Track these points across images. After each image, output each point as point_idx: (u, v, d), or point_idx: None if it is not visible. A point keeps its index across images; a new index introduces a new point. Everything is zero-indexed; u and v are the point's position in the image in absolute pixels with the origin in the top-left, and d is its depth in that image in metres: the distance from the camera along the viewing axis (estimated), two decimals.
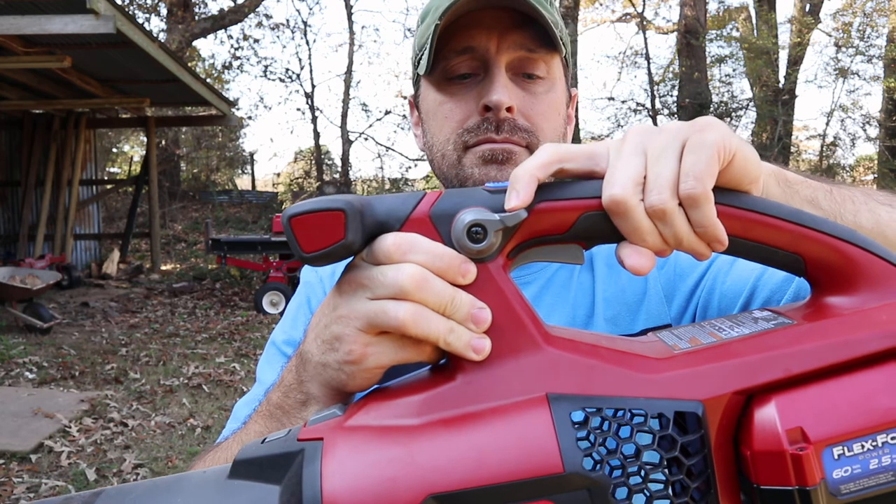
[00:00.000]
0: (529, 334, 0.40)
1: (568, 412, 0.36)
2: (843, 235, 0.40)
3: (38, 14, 5.56)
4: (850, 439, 0.35)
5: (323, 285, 0.86)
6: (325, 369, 0.44)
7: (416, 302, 0.39)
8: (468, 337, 0.39)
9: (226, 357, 5.48)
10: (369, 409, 0.39)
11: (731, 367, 0.37)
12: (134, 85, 8.59)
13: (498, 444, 0.36)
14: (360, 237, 0.40)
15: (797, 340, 0.38)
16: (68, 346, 5.70)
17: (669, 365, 0.38)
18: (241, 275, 8.98)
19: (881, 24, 13.06)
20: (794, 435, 0.35)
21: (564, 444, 0.35)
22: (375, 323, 0.40)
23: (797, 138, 14.45)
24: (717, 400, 0.37)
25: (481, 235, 0.40)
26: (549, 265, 0.81)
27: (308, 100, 16.70)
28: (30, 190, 9.16)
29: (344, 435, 0.37)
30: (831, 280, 0.41)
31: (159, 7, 14.99)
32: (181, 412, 4.23)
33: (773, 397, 0.36)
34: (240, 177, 18.88)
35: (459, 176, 0.75)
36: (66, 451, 3.53)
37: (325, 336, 0.44)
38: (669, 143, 0.40)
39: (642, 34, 15.77)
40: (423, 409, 0.38)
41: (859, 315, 0.39)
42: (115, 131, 16.15)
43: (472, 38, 0.72)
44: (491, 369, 0.39)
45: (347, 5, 16.73)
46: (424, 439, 0.36)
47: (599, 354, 0.39)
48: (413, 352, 0.41)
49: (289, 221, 0.40)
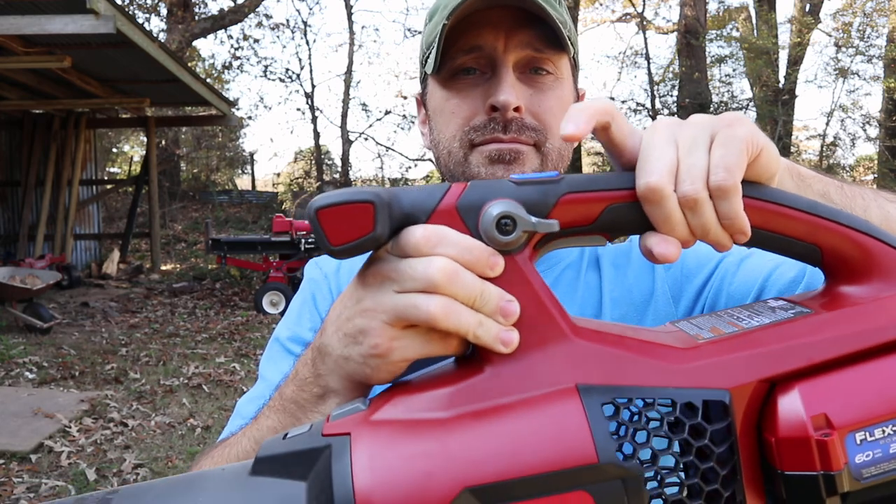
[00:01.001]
0: (557, 326, 0.40)
1: (599, 402, 0.36)
2: (859, 226, 0.41)
3: (38, 14, 5.56)
4: (872, 424, 0.36)
5: (328, 281, 0.85)
6: (348, 362, 0.44)
7: (446, 295, 0.39)
8: (497, 330, 0.39)
9: (226, 357, 5.48)
10: (396, 403, 0.39)
11: (756, 356, 0.38)
12: (134, 85, 8.59)
13: (531, 436, 0.35)
14: (388, 229, 0.40)
15: (818, 329, 0.39)
16: (68, 346, 5.70)
17: (695, 355, 0.39)
18: (241, 275, 8.98)
19: (881, 24, 13.06)
20: (818, 421, 0.36)
21: (598, 435, 0.35)
22: (404, 316, 0.40)
23: (797, 138, 14.45)
24: (743, 388, 0.37)
25: (510, 227, 0.39)
26: (557, 264, 0.82)
27: (308, 100, 16.71)
28: (30, 190, 9.16)
29: (371, 429, 0.37)
30: (847, 270, 0.42)
31: (159, 7, 14.99)
32: (181, 412, 4.23)
33: (797, 385, 0.37)
34: (240, 177, 18.89)
35: (466, 174, 0.75)
36: (66, 451, 3.53)
37: (347, 329, 0.43)
38: (700, 136, 0.41)
39: (642, 34, 15.76)
40: (453, 401, 0.38)
41: (877, 304, 0.40)
42: (115, 131, 16.15)
43: (480, 38, 0.72)
44: (519, 361, 0.39)
45: (347, 5, 16.73)
46: (457, 432, 0.36)
47: (626, 345, 0.39)
48: (440, 345, 0.41)
49: (316, 214, 0.39)
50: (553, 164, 0.75)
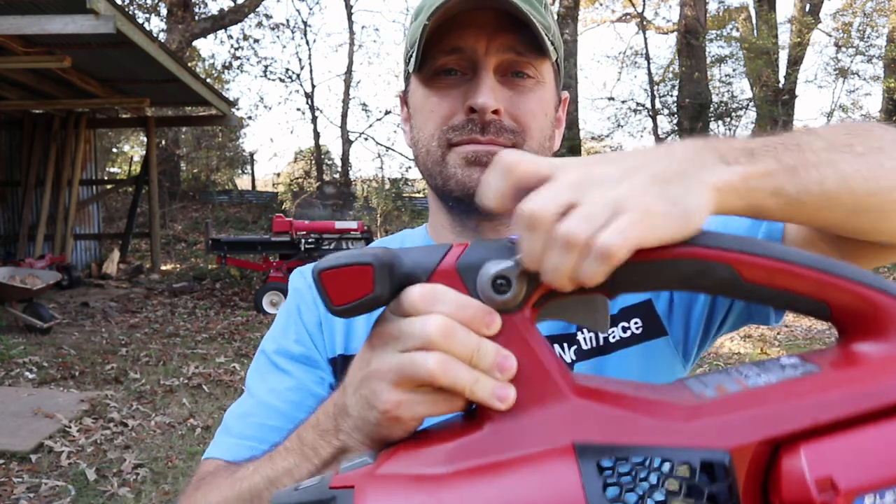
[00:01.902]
0: (555, 384, 0.40)
1: (594, 461, 0.37)
2: (870, 282, 0.40)
3: (38, 14, 5.56)
4: (882, 488, 0.35)
5: (312, 292, 0.85)
6: (366, 424, 0.45)
7: (444, 351, 0.40)
8: (493, 386, 0.40)
9: (226, 357, 5.48)
10: (399, 458, 0.40)
11: (759, 416, 0.37)
12: (134, 85, 8.59)
13: (524, 493, 0.36)
14: (388, 289, 0.42)
15: (825, 388, 0.38)
16: (68, 346, 5.70)
17: (696, 413, 0.38)
18: (241, 275, 8.98)
19: (881, 24, 13.07)
20: (823, 484, 0.35)
21: (590, 493, 0.35)
22: (406, 374, 0.41)
23: None
24: (744, 449, 0.37)
25: (505, 287, 0.40)
26: None
27: (308, 100, 16.71)
28: (30, 190, 9.16)
29: (375, 483, 0.38)
30: (858, 326, 0.41)
31: (159, 7, 14.99)
32: (181, 412, 4.23)
33: (802, 446, 0.36)
34: (240, 177, 18.88)
35: (443, 174, 0.75)
36: (66, 451, 3.53)
37: (362, 391, 0.45)
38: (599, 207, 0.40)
39: (642, 34, 15.78)
40: (452, 457, 0.39)
41: (887, 362, 0.38)
42: (115, 131, 16.14)
43: (462, 39, 0.72)
44: (518, 419, 0.40)
45: (347, 5, 16.73)
46: (452, 487, 0.37)
47: (625, 403, 0.39)
48: (445, 405, 0.42)
49: (319, 276, 0.41)
50: None
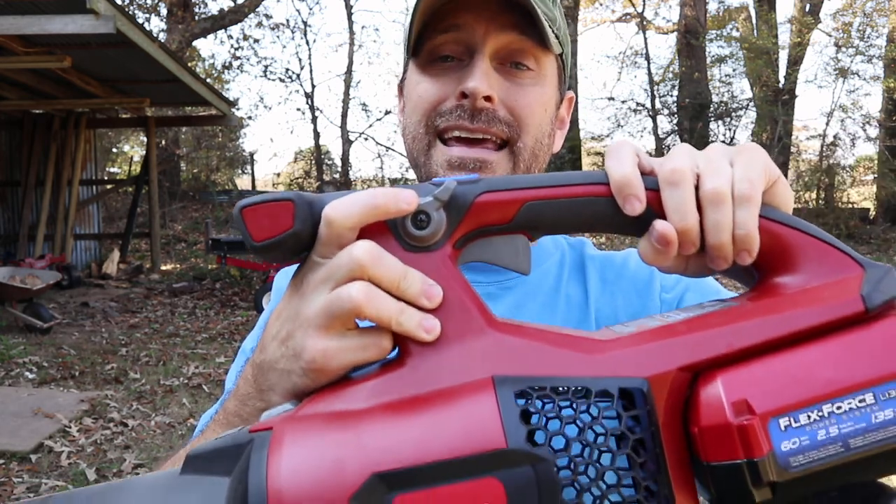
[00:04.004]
0: (475, 319, 0.40)
1: (512, 391, 0.37)
2: (774, 217, 0.41)
3: (38, 14, 5.56)
4: (795, 410, 0.35)
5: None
6: (290, 376, 0.43)
7: (371, 279, 0.40)
8: (419, 317, 0.40)
9: (226, 357, 5.48)
10: (319, 400, 0.40)
11: (675, 345, 0.38)
12: (134, 85, 8.58)
13: (442, 424, 0.36)
14: (309, 227, 0.41)
15: (739, 317, 0.39)
16: (68, 346, 5.70)
17: (614, 345, 0.39)
18: (241, 275, 8.98)
19: (881, 24, 13.06)
20: (739, 407, 0.35)
21: (508, 421, 0.35)
22: (332, 313, 0.40)
23: (797, 138, 14.44)
24: (662, 377, 0.37)
25: (425, 222, 0.41)
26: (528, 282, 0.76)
27: (308, 100, 16.70)
28: (30, 190, 9.15)
29: (292, 423, 0.37)
30: (770, 264, 0.42)
31: (159, 7, 14.98)
32: (181, 412, 4.23)
33: (718, 373, 0.37)
34: (240, 177, 18.87)
35: (426, 171, 0.72)
36: (66, 451, 3.53)
37: (286, 343, 0.44)
38: (719, 157, 0.42)
39: (642, 34, 15.77)
40: (371, 394, 0.39)
41: (799, 293, 0.40)
42: (115, 131, 16.14)
43: (459, 17, 0.69)
44: (438, 354, 0.40)
45: (347, 5, 16.73)
46: (370, 420, 0.37)
47: (545, 338, 0.40)
48: (374, 349, 0.41)
49: (240, 212, 0.41)
50: (525, 165, 0.71)
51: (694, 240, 0.41)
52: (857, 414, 0.35)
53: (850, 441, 0.35)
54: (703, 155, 0.42)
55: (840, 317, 0.38)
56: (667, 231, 0.40)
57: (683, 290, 0.74)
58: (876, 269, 0.40)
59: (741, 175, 0.40)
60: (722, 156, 0.42)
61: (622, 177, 0.41)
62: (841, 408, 0.35)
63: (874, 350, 0.36)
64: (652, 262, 0.42)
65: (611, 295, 0.75)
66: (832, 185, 13.32)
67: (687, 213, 0.40)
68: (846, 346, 0.37)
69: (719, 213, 0.40)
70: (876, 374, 0.36)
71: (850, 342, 0.37)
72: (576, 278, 0.77)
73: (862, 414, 0.35)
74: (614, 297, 0.75)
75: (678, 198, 0.40)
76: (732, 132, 14.16)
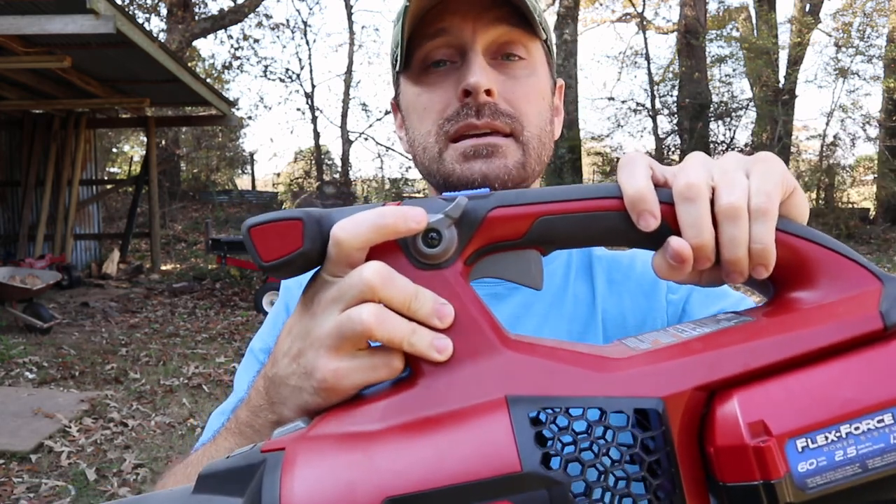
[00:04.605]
0: (487, 338, 0.40)
1: (526, 413, 0.36)
2: (793, 231, 0.41)
3: (38, 14, 5.56)
4: (813, 431, 0.35)
5: (301, 290, 0.84)
6: (301, 393, 0.43)
7: (382, 300, 0.39)
8: (430, 337, 0.39)
9: (226, 357, 5.48)
10: (331, 419, 0.39)
11: (691, 364, 0.37)
12: (134, 85, 8.58)
13: (456, 446, 0.35)
14: (319, 245, 0.41)
15: (755, 335, 0.38)
16: (68, 346, 5.70)
17: (628, 364, 0.38)
18: (241, 275, 8.98)
19: (881, 24, 13.06)
20: (755, 428, 0.35)
21: (522, 444, 0.35)
22: (343, 335, 0.40)
23: (797, 138, 14.42)
24: (677, 397, 0.36)
25: (436, 240, 0.40)
26: None
27: (308, 100, 16.72)
28: (30, 190, 9.15)
29: (305, 444, 0.37)
30: (787, 278, 0.41)
31: (159, 7, 14.99)
32: (181, 412, 4.23)
33: (735, 393, 0.36)
34: (240, 177, 18.89)
35: (441, 171, 0.71)
36: (66, 451, 3.53)
37: (299, 361, 0.43)
38: (735, 168, 0.42)
39: (642, 34, 15.76)
40: (384, 415, 0.38)
41: (816, 309, 0.39)
42: (115, 131, 16.14)
43: (445, 21, 0.69)
44: (450, 374, 0.39)
45: (347, 5, 16.73)
46: (383, 443, 0.36)
47: (558, 356, 0.39)
48: (384, 369, 0.41)
49: (248, 231, 0.41)
50: (535, 153, 0.71)
51: (709, 255, 0.40)
52: (875, 434, 0.35)
53: (868, 462, 0.34)
54: (718, 166, 0.42)
55: (858, 335, 0.37)
56: (682, 249, 0.39)
57: (689, 291, 0.74)
58: (895, 283, 0.39)
59: (758, 187, 0.40)
60: (738, 167, 0.41)
61: (636, 192, 0.40)
62: (859, 428, 0.35)
63: (892, 369, 0.36)
64: (666, 277, 0.41)
65: (618, 295, 0.75)
66: (832, 185, 13.31)
67: (703, 230, 0.40)
68: (864, 365, 0.36)
69: (736, 229, 0.39)
70: (894, 394, 0.35)
71: (868, 361, 0.36)
72: (583, 278, 0.77)
73: (880, 434, 0.34)
74: (621, 297, 0.75)
75: (694, 213, 0.40)
76: (732, 132, 14.16)
